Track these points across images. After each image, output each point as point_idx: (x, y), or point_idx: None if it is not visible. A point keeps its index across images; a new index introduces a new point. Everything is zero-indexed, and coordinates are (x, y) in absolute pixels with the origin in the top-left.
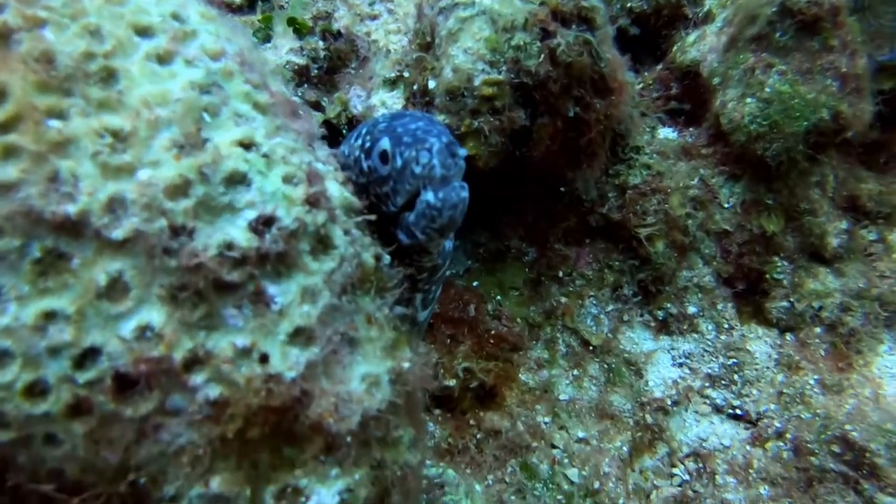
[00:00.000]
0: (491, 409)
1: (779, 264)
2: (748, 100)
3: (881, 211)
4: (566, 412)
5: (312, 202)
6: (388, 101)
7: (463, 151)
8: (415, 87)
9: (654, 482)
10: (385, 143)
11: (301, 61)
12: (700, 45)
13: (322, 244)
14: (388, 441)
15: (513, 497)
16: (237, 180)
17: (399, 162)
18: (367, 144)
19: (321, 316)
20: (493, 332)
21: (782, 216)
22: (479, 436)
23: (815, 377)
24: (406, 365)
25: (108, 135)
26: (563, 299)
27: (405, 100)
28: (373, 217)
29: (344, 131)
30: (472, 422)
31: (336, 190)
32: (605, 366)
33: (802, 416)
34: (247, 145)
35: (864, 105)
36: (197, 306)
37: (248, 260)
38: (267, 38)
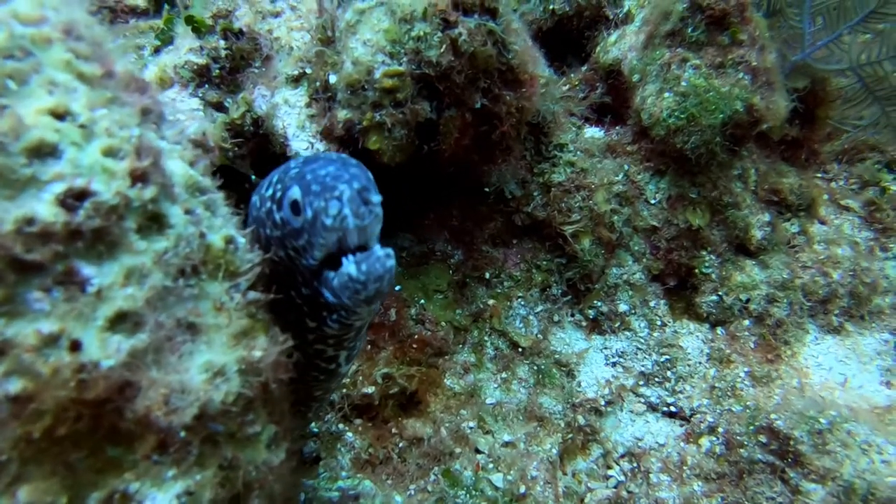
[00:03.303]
0: (414, 416)
1: (706, 258)
2: (666, 94)
3: (802, 203)
4: (492, 416)
5: (139, 176)
6: (292, 99)
7: (377, 198)
8: (317, 83)
9: (588, 484)
10: (295, 192)
11: (201, 61)
12: (620, 44)
13: (153, 222)
14: (241, 438)
15: None
16: (45, 152)
17: (309, 213)
18: (279, 194)
19: (150, 299)
20: (415, 336)
21: (707, 210)
22: (401, 444)
23: (746, 370)
24: (258, 354)
25: None
26: (491, 301)
27: (309, 97)
28: (219, 195)
29: (248, 131)
30: (394, 430)
31: (179, 168)
32: (535, 367)
33: (733, 409)
34: (60, 115)
35: (777, 98)
36: None
37: (54, 237)
38: (169, 41)
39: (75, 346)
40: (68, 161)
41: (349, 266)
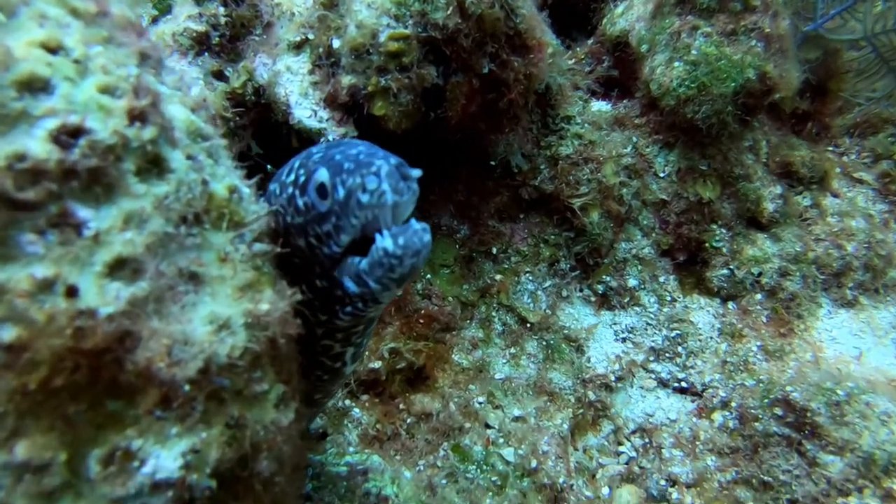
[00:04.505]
0: (421, 391)
1: (717, 232)
2: (676, 63)
3: (814, 176)
4: (502, 391)
5: (137, 116)
6: (294, 66)
7: (416, 172)
8: (320, 49)
9: (599, 460)
10: (322, 175)
11: (200, 28)
12: (628, 15)
13: (153, 166)
14: (248, 396)
15: (444, 481)
16: (37, 86)
17: (341, 193)
18: (302, 179)
19: (150, 245)
20: (422, 311)
21: (718, 183)
22: (409, 420)
23: (758, 344)
24: (264, 307)
25: None
26: (498, 276)
27: (311, 64)
28: (222, 143)
29: (249, 100)
30: (401, 406)
31: (180, 113)
32: (544, 343)
33: (746, 383)
34: (52, 49)
35: (790, 67)
36: None
37: (48, 175)
38: (167, 10)
39: (71, 292)
40: (61, 97)
41: (385, 240)
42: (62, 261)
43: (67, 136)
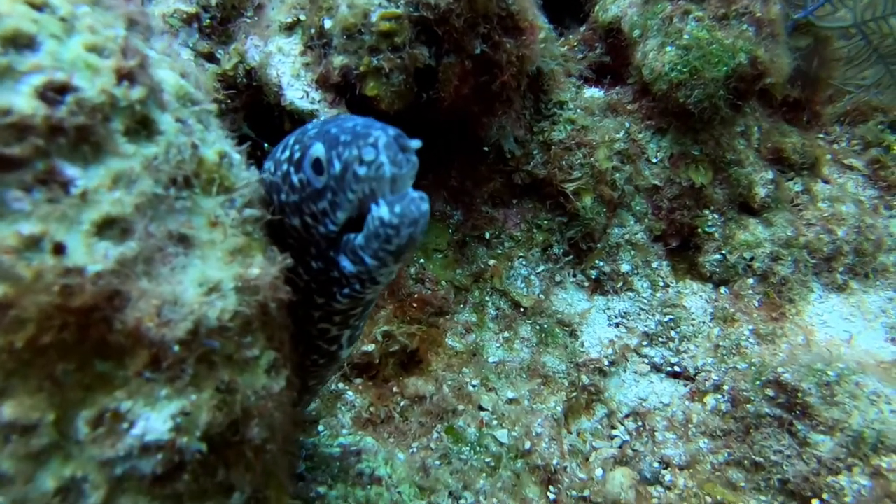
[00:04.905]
0: (415, 374)
1: (709, 217)
2: (668, 48)
3: (805, 163)
4: (495, 374)
5: (125, 75)
6: (286, 48)
7: (415, 143)
8: (312, 30)
9: (593, 444)
10: (318, 149)
11: (189, 9)
12: (620, 2)
13: (142, 126)
14: (239, 361)
15: (437, 462)
16: (22, 42)
17: (337, 166)
18: (297, 155)
19: (139, 205)
20: (415, 295)
21: (710, 168)
22: (402, 403)
23: (750, 328)
24: (255, 271)
25: None
26: (492, 261)
27: (303, 45)
28: (212, 108)
29: (241, 83)
30: (395, 389)
31: (170, 77)
32: (538, 327)
33: (738, 366)
34: (37, 5)
35: (781, 52)
36: None
37: (34, 130)
38: None
39: (59, 250)
40: (48, 53)
41: (380, 209)
42: (49, 218)
43: (54, 92)
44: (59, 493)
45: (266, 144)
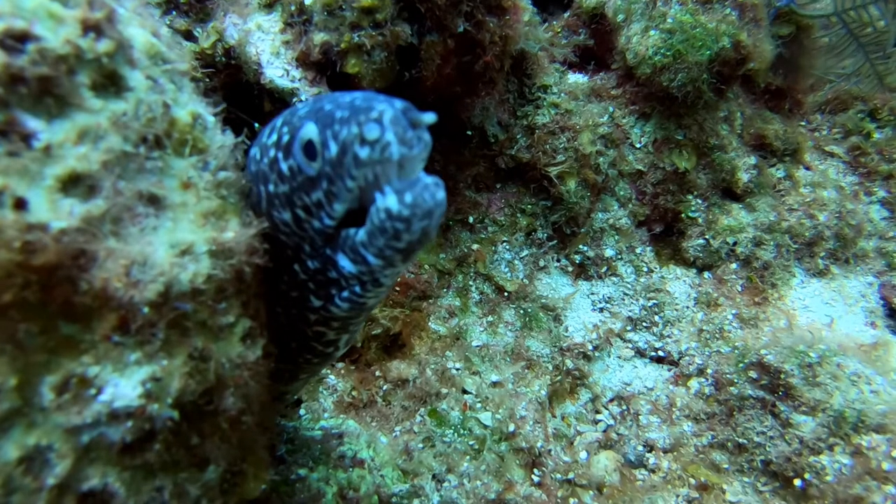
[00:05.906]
0: (398, 358)
1: (693, 203)
2: (651, 32)
3: (787, 149)
4: (479, 357)
5: (92, 27)
6: (265, 25)
7: (429, 117)
8: (292, 6)
9: (577, 428)
10: (310, 131)
11: None
12: None
13: (110, 82)
14: (213, 327)
15: (420, 445)
16: None
17: (333, 149)
18: (286, 138)
19: (106, 162)
20: (398, 279)
21: (693, 153)
22: (385, 387)
23: (733, 312)
24: (229, 235)
25: None
26: (475, 246)
27: (283, 22)
28: (185, 66)
29: (220, 62)
30: (377, 373)
31: (140, 34)
32: (522, 311)
33: (722, 350)
34: None
35: (763, 37)
36: None
37: None
38: None
39: (20, 205)
40: (7, 1)
41: (387, 198)
42: (9, 171)
43: (14, 40)
44: (22, 462)
45: (256, 125)
